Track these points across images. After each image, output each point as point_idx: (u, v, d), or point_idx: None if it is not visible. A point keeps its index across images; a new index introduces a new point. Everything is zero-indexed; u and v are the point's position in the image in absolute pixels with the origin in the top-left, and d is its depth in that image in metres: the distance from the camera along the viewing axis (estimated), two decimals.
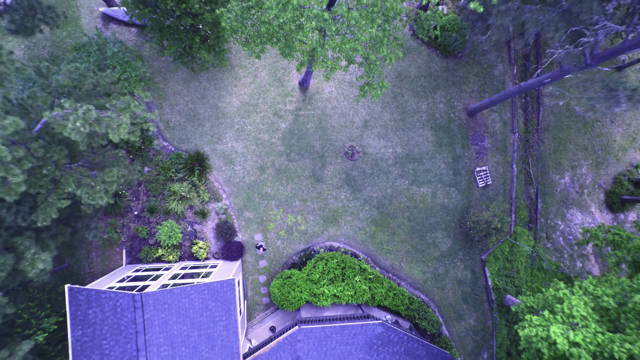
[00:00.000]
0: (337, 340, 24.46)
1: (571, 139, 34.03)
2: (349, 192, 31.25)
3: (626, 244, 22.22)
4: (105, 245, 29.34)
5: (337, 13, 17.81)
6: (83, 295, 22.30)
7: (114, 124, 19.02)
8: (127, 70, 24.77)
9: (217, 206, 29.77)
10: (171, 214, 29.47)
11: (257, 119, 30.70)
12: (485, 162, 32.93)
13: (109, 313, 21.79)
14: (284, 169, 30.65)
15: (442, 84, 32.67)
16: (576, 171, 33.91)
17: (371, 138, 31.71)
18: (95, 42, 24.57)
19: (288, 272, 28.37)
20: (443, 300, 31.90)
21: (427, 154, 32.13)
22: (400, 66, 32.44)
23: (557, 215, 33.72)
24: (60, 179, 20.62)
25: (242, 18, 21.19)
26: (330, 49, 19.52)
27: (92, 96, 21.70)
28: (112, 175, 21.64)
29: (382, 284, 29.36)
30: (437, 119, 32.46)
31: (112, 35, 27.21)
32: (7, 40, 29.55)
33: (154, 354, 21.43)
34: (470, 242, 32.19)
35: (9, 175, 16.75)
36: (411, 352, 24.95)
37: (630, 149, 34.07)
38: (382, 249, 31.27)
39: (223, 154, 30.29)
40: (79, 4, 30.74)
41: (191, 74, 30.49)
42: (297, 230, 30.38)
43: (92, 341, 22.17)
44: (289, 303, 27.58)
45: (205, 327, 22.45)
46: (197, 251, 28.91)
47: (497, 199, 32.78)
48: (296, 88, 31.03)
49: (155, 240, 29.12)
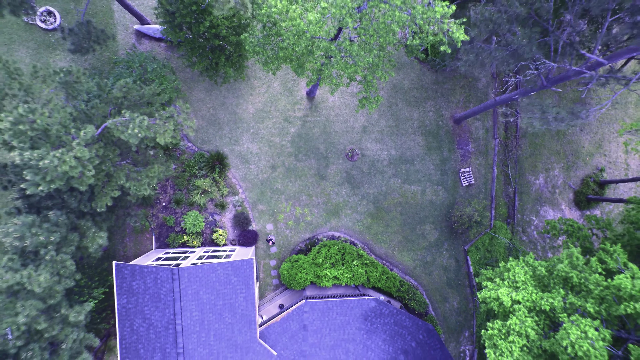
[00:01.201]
0: (337, 312, 29.59)
1: (545, 144, 39.18)
2: (349, 188, 36.39)
3: (577, 233, 27.37)
4: (137, 232, 34.47)
5: (341, 45, 22.92)
6: (128, 270, 27.44)
7: (161, 130, 24.11)
8: (164, 82, 29.92)
9: (234, 199, 34.91)
10: (194, 205, 34.60)
11: (269, 124, 35.86)
12: (469, 164, 38.08)
13: (150, 284, 26.91)
14: (292, 167, 35.80)
15: (432, 95, 37.82)
16: (549, 173, 39.06)
17: (369, 142, 36.86)
18: (137, 59, 29.71)
19: (295, 257, 33.48)
20: (430, 284, 37.05)
21: (417, 157, 37.27)
22: (396, 79, 37.58)
23: (532, 211, 38.87)
24: (114, 173, 25.73)
25: (263, 43, 26.30)
26: (335, 70, 24.62)
27: (137, 105, 26.82)
28: (154, 171, 26.79)
29: (377, 268, 34.48)
30: (427, 125, 37.61)
31: (150, 53, 32.35)
32: (56, 54, 34.70)
33: (188, 317, 26.54)
34: (455, 234, 37.33)
35: (85, 170, 21.84)
36: (399, 323, 30.10)
37: (596, 154, 39.21)
38: (377, 239, 36.42)
39: (240, 154, 35.44)
40: (116, 22, 35.86)
41: (213, 84, 35.62)
42: (304, 221, 35.53)
43: (135, 307, 27.30)
44: (296, 283, 32.68)
45: (228, 298, 27.56)
46: (217, 238, 34.04)
47: (479, 197, 37.93)
48: (304, 97, 36.19)
49: (181, 227, 34.25)
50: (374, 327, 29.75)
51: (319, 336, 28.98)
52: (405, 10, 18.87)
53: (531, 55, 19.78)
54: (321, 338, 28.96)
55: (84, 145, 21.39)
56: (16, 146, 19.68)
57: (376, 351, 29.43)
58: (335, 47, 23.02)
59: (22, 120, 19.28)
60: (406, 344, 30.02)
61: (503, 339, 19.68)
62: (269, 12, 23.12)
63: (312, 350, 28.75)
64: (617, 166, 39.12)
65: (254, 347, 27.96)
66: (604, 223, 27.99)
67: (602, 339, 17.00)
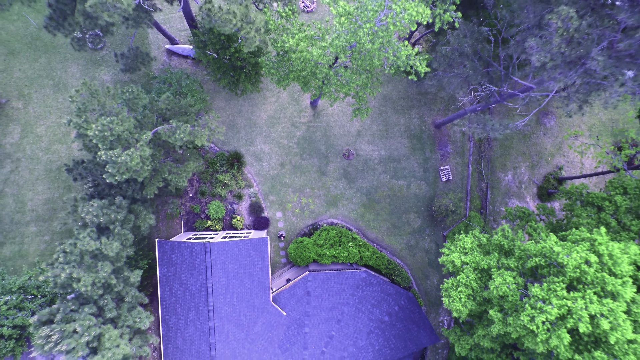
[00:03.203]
0: (335, 282, 37.58)
1: (513, 146, 47.14)
2: (346, 183, 44.39)
3: (526, 217, 35.35)
4: (168, 217, 42.52)
5: (338, 71, 30.88)
6: (168, 245, 35.52)
7: (198, 135, 32.13)
8: (195, 95, 37.98)
9: (250, 191, 42.95)
10: (216, 196, 42.62)
11: (279, 128, 43.89)
12: (447, 163, 46.05)
13: (187, 256, 34.94)
14: (298, 165, 43.81)
15: (416, 104, 45.81)
16: (516, 171, 47.02)
17: (363, 143, 44.86)
18: (174, 76, 37.77)
19: (301, 239, 41.44)
20: (414, 264, 45.03)
21: (404, 156, 45.26)
22: (385, 90, 45.57)
23: (502, 203, 46.83)
24: (159, 168, 33.76)
25: (277, 66, 34.29)
26: (333, 88, 32.58)
27: (177, 115, 34.83)
28: (189, 167, 34.86)
29: (368, 249, 42.45)
30: (412, 130, 45.61)
31: (184, 71, 40.42)
32: (101, 70, 42.78)
33: (217, 282, 34.55)
34: (435, 222, 45.31)
35: (144, 165, 29.83)
36: (385, 291, 38.10)
37: (557, 154, 47.15)
38: (369, 225, 44.44)
39: (254, 153, 43.48)
40: (150, 42, 43.91)
41: (232, 95, 43.64)
42: (307, 209, 43.57)
43: (174, 275, 35.37)
44: (301, 260, 40.65)
45: (248, 268, 35.56)
46: (235, 223, 42.07)
47: (456, 191, 45.90)
48: (308, 106, 44.21)
49: (206, 214, 42.28)
50: (364, 294, 37.75)
51: (319, 300, 36.96)
52: (382, 49, 26.81)
53: (477, 82, 27.52)
54: (321, 302, 36.94)
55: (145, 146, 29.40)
56: (101, 147, 27.67)
57: (366, 312, 37.44)
58: (333, 73, 31.05)
59: (105, 128, 27.27)
60: (390, 308, 38.02)
61: (454, 290, 27.55)
62: (283, 46, 31.14)
63: (314, 311, 36.75)
64: (573, 165, 47.04)
65: (268, 308, 35.98)
66: (548, 210, 35.95)
67: (515, 284, 24.82)
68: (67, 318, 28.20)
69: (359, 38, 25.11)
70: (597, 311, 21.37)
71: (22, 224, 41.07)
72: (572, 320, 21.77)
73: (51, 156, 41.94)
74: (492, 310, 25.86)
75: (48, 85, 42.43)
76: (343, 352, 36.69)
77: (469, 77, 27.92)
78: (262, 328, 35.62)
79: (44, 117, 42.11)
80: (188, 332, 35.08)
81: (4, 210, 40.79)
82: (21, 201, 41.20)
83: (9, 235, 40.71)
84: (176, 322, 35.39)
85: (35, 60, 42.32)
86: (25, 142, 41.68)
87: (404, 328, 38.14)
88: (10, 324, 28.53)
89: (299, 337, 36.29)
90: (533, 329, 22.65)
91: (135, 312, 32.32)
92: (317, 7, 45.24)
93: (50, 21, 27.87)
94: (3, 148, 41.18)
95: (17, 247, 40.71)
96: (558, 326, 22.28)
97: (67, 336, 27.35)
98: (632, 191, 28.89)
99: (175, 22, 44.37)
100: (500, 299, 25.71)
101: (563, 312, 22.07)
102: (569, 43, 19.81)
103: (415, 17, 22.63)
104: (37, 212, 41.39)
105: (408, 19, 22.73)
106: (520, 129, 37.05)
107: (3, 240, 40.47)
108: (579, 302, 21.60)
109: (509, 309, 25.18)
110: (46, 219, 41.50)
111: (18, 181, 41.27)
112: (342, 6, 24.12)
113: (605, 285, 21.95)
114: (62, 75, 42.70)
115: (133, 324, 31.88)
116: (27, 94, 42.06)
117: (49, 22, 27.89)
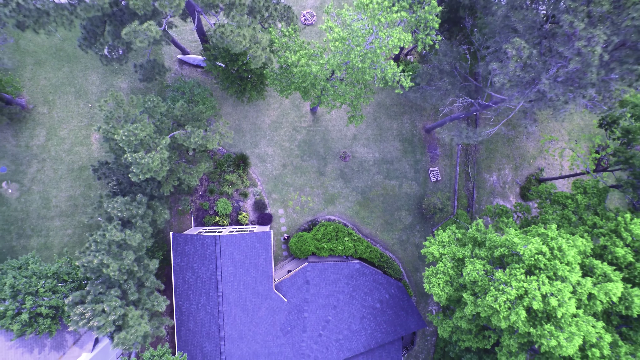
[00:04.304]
0: (331, 272, 42.16)
1: (498, 149, 51.63)
2: (342, 182, 48.95)
3: (504, 214, 39.87)
4: (180, 213, 47.16)
5: (334, 84, 35.41)
6: (181, 238, 40.15)
7: (210, 139, 36.70)
8: (205, 103, 42.58)
9: (254, 190, 47.56)
10: (224, 194, 47.23)
11: (281, 132, 48.47)
12: (437, 164, 50.57)
13: (198, 248, 39.55)
14: (298, 166, 48.39)
15: (408, 110, 50.35)
16: (501, 172, 51.51)
17: (358, 146, 49.41)
18: (187, 85, 42.38)
19: (301, 234, 46.00)
20: (405, 257, 49.59)
21: (396, 158, 49.80)
22: (380, 97, 50.11)
23: (487, 202, 51.32)
24: (175, 168, 38.37)
25: (280, 77, 38.82)
26: (330, 98, 37.10)
27: (190, 121, 39.40)
28: (201, 167, 39.47)
29: (363, 243, 46.99)
30: (404, 134, 50.15)
31: (196, 80, 45.03)
32: (118, 78, 47.42)
33: (225, 271, 39.14)
34: (425, 219, 49.84)
35: (163, 166, 34.39)
36: (377, 281, 42.68)
37: (538, 157, 51.64)
38: (363, 222, 49.01)
39: (258, 155, 48.08)
40: (163, 52, 48.52)
41: (238, 101, 48.21)
42: (307, 207, 48.17)
43: (187, 265, 40.00)
44: (301, 253, 45.21)
45: (253, 258, 40.15)
46: (241, 219, 46.69)
47: (444, 190, 50.43)
48: (308, 112, 48.78)
49: (214, 210, 46.88)
50: (358, 283, 42.34)
51: (317, 288, 41.54)
52: (372, 67, 31.34)
53: (455, 94, 31.96)
54: (319, 289, 41.53)
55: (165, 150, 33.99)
56: (126, 150, 32.27)
57: (359, 300, 42.04)
58: (330, 85, 35.61)
59: (130, 133, 31.85)
60: (381, 296, 42.60)
61: (434, 277, 32.08)
62: (286, 60, 35.68)
63: (313, 298, 41.33)
64: (554, 167, 51.53)
65: (271, 295, 40.57)
66: (524, 208, 40.47)
67: (484, 271, 29.31)
68: (96, 299, 32.85)
69: (351, 58, 29.63)
70: (547, 291, 25.85)
71: (47, 219, 45.77)
72: (527, 299, 26.26)
73: (73, 157, 46.60)
74: (465, 293, 30.41)
75: (70, 92, 47.08)
76: (338, 335, 41.28)
77: (448, 90, 32.45)
78: (266, 313, 40.21)
79: (66, 121, 46.78)
80: (199, 315, 39.71)
81: (31, 206, 45.49)
82: (46, 198, 45.89)
83: (36, 228, 45.43)
84: (188, 306, 40.02)
85: (59, 69, 46.98)
86: (50, 144, 46.35)
87: (393, 314, 42.71)
88: (47, 304, 33.17)
89: (298, 321, 40.87)
90: (497, 307, 27.16)
91: (153, 297, 36.95)
92: (317, 21, 49.78)
93: (84, 41, 32.48)
94: (30, 149, 45.87)
95: (43, 240, 45.43)
96: (517, 305, 26.78)
97: (97, 314, 31.98)
98: (591, 190, 33.40)
99: (186, 34, 48.95)
100: (473, 283, 30.24)
101: (521, 292, 26.56)
102: (523, 68, 24.22)
103: (398, 43, 27.15)
104: (61, 208, 46.08)
105: (392, 44, 27.25)
106: (490, 136, 41.56)
107: (31, 233, 45.19)
108: (533, 284, 26.09)
109: (479, 292, 29.73)
110: (69, 214, 46.19)
111: (43, 180, 45.95)
112: (337, 32, 28.65)
113: (557, 271, 26.43)
114: (82, 82, 47.35)
115: (151, 307, 36.51)
116: (51, 100, 46.73)
117: (82, 42, 32.51)
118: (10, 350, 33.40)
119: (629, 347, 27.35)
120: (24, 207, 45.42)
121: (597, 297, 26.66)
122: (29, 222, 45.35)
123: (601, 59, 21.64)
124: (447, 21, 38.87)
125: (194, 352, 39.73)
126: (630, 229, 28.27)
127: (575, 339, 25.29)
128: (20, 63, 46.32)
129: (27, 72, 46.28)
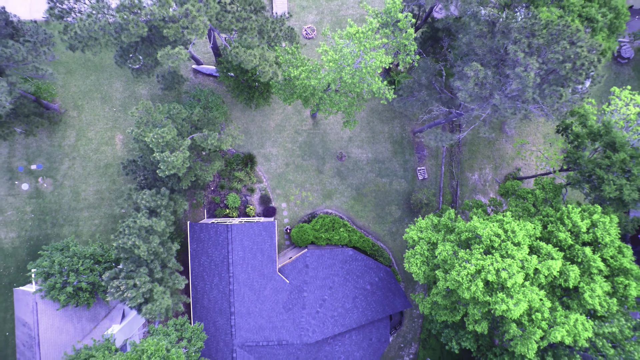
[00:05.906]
0: (328, 257, 49.01)
1: (480, 151, 58.39)
2: (339, 180, 55.79)
3: (479, 207, 46.66)
4: (194, 206, 54.12)
5: (331, 94, 42.23)
6: (197, 226, 47.11)
7: (224, 141, 43.57)
8: (219, 109, 49.53)
9: (260, 186, 54.46)
10: (233, 189, 54.13)
11: (285, 134, 55.36)
12: (424, 164, 57.35)
13: (212, 235, 46.46)
14: (300, 165, 55.27)
15: (398, 115, 57.17)
16: (482, 171, 58.26)
17: (353, 147, 56.25)
18: (203, 93, 49.33)
19: (301, 225, 52.81)
20: (395, 247, 56.40)
21: (387, 158, 56.61)
22: (373, 103, 56.94)
23: (469, 198, 58.06)
24: (192, 166, 45.28)
25: (284, 88, 45.69)
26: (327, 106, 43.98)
27: (205, 125, 46.31)
28: (215, 165, 46.41)
29: (356, 234, 53.78)
30: (394, 136, 56.96)
31: (211, 89, 51.99)
32: (139, 85, 54.41)
33: (235, 255, 46.00)
34: (413, 213, 56.62)
35: (185, 163, 41.21)
36: (367, 265, 49.54)
37: (516, 158, 58.38)
38: (357, 215, 55.86)
39: (264, 155, 54.98)
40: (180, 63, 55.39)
41: (246, 107, 55.09)
42: (307, 201, 55.05)
43: (202, 250, 46.93)
44: (302, 241, 52.03)
45: (259, 244, 47.00)
46: (249, 211, 53.59)
47: (430, 187, 57.20)
48: (308, 117, 55.67)
49: (225, 204, 53.80)
50: (351, 267, 49.20)
51: (315, 271, 48.41)
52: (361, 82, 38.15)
53: (432, 104, 38.71)
54: (317, 272, 48.39)
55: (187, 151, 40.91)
56: (155, 150, 39.16)
57: (351, 281, 48.91)
58: (326, 96, 42.50)
59: (158, 136, 38.73)
60: (371, 279, 49.47)
61: (413, 257, 38.94)
62: (289, 74, 42.55)
63: (311, 280, 48.19)
64: (530, 167, 58.26)
65: (275, 277, 47.46)
66: (497, 202, 47.26)
67: (453, 251, 36.09)
68: (128, 275, 39.80)
69: (343, 75, 36.48)
70: (500, 267, 32.65)
71: (77, 210, 52.80)
72: (484, 273, 33.08)
73: (99, 155, 53.61)
74: (438, 271, 37.29)
75: (97, 97, 54.10)
76: (333, 312, 48.14)
77: (426, 101, 39.27)
78: (270, 292, 47.08)
79: (94, 124, 53.79)
80: (213, 294, 46.63)
81: (63, 199, 52.54)
82: (76, 192, 52.91)
83: (67, 218, 52.46)
84: (203, 286, 46.95)
85: (87, 77, 54.01)
86: (79, 144, 53.37)
87: (382, 295, 49.56)
88: (86, 280, 40.15)
89: (299, 300, 47.74)
90: (460, 280, 33.98)
91: (174, 276, 43.90)
92: (317, 35, 56.66)
93: (119, 58, 39.43)
94: (62, 149, 52.91)
95: (73, 229, 52.48)
96: (476, 278, 33.59)
97: (129, 288, 38.92)
98: (547, 187, 40.21)
99: (200, 46, 55.92)
100: (444, 262, 37.06)
101: (479, 268, 33.39)
102: (481, 86, 30.93)
103: (380, 64, 34.01)
104: (89, 200, 53.10)
105: (375, 65, 34.11)
106: (462, 140, 48.47)
107: (63, 222, 52.25)
108: (488, 260, 32.93)
109: (448, 269, 36.58)
110: (96, 206, 53.22)
111: (74, 175, 52.97)
112: (331, 55, 35.50)
113: (508, 250, 33.26)
114: (108, 89, 54.37)
115: (173, 285, 43.46)
116: (80, 105, 53.76)
117: (118, 59, 39.46)
118: (56, 318, 40.42)
119: (562, 311, 34.21)
120: (57, 199, 52.48)
121: (541, 271, 33.46)
122: (61, 213, 52.40)
123: (535, 81, 28.33)
124: (430, 38, 45.76)
125: (207, 325, 46.65)
126: (571, 217, 35.07)
127: (522, 304, 32.09)
128: (54, 72, 53.34)
129: (59, 80, 53.32)
